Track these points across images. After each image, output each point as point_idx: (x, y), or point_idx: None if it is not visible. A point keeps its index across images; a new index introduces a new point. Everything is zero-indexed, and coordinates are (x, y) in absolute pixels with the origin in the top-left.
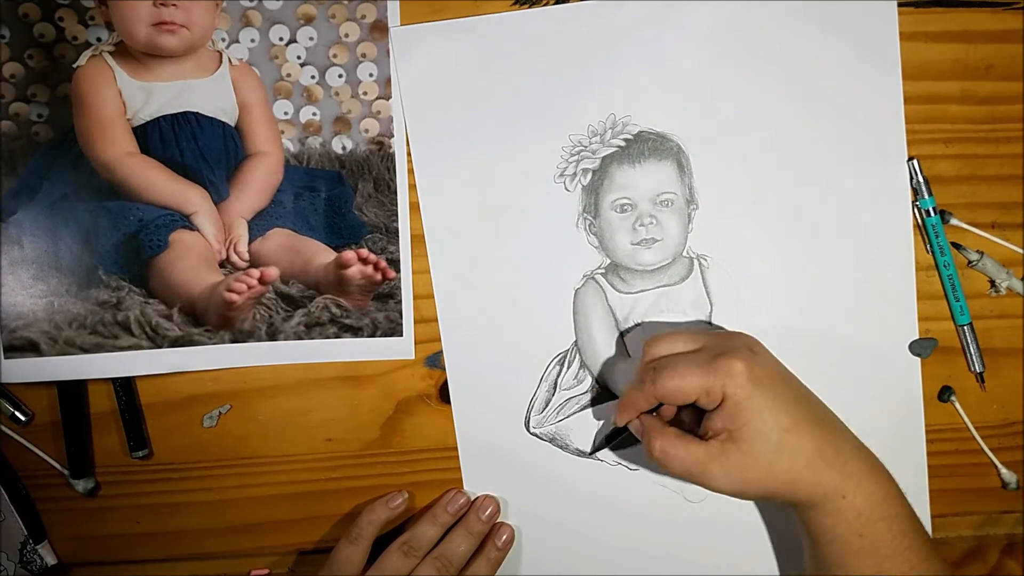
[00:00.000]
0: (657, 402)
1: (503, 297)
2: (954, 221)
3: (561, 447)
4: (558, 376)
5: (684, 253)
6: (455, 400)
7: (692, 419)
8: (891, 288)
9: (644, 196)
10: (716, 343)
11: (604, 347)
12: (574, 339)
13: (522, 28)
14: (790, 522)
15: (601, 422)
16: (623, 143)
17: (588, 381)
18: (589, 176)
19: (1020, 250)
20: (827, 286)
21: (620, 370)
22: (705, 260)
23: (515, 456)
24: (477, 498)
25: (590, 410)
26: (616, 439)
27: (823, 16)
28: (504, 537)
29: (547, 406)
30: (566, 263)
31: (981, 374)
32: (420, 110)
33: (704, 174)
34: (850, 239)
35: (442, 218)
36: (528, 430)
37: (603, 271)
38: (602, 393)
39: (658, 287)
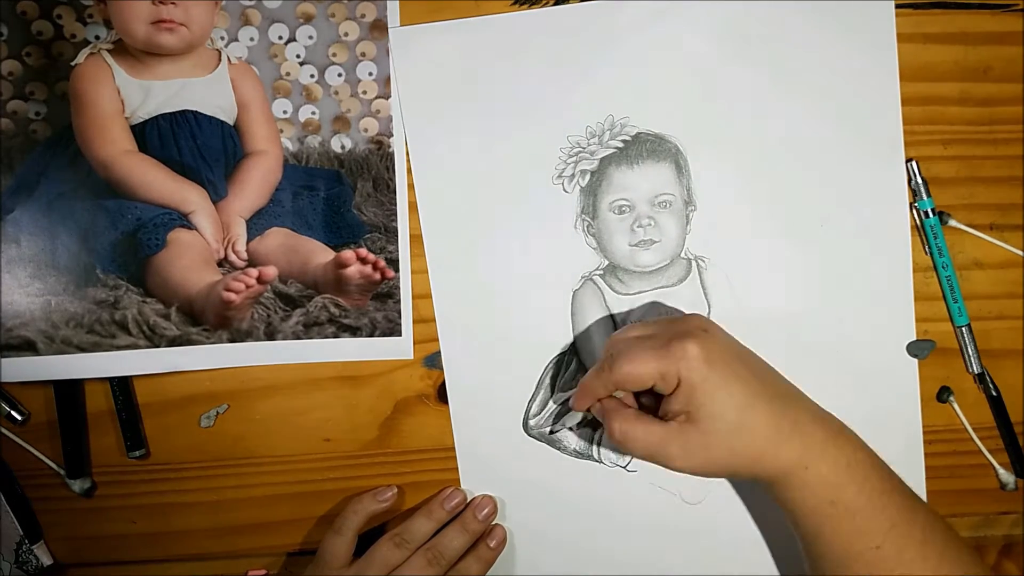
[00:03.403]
0: (615, 388)
1: (501, 298)
2: (952, 222)
3: (559, 448)
4: (556, 377)
5: (682, 254)
6: (453, 401)
7: (652, 404)
8: (889, 289)
9: (642, 197)
10: (669, 328)
11: (602, 348)
12: (572, 340)
13: (519, 29)
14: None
15: (558, 405)
16: (621, 144)
17: None
18: (587, 177)
19: (1019, 251)
20: (825, 288)
21: None
22: (703, 261)
23: (513, 457)
24: (475, 497)
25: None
26: (578, 421)
27: (821, 17)
28: (497, 538)
29: (545, 407)
30: (564, 264)
31: (979, 375)
32: (418, 110)
33: (702, 175)
34: (848, 241)
35: (440, 219)
36: (526, 431)
37: (601, 272)
38: None
39: (656, 288)
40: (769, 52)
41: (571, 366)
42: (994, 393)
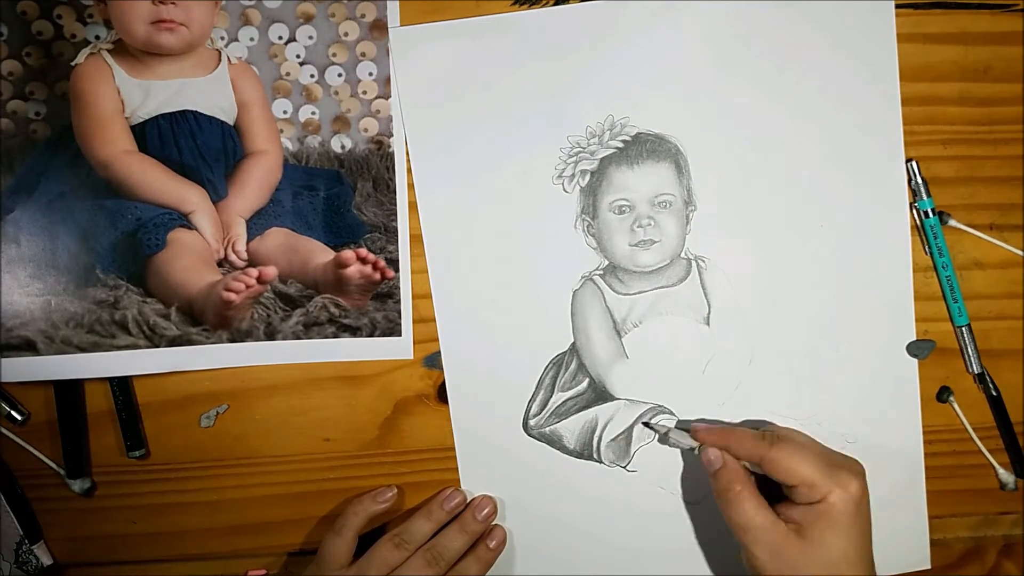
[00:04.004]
0: (756, 460)
1: (501, 298)
2: (952, 222)
3: (559, 448)
4: (556, 377)
5: (682, 254)
6: (453, 401)
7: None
8: (888, 289)
9: (642, 197)
10: (838, 455)
11: (602, 348)
12: (572, 340)
13: (520, 29)
14: None
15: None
16: (621, 144)
17: (586, 382)
18: (587, 177)
19: (1019, 251)
20: (824, 288)
21: (618, 371)
22: (703, 261)
23: (513, 457)
24: (475, 498)
25: (588, 411)
26: (688, 446)
27: (821, 17)
28: (496, 539)
29: (545, 407)
30: (564, 264)
31: (979, 375)
32: (419, 111)
33: (702, 175)
34: (847, 241)
35: (440, 219)
36: (526, 431)
37: (601, 272)
38: (600, 394)
39: (656, 288)
40: (769, 52)
41: (571, 366)
42: (994, 393)
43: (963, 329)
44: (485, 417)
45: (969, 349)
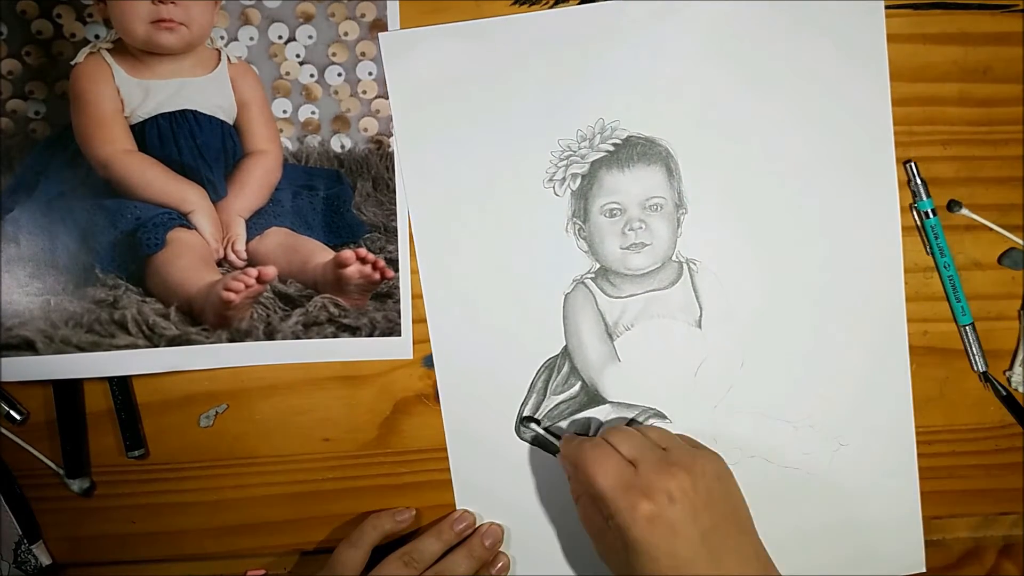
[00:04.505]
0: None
1: (493, 301)
2: (964, 211)
3: (551, 452)
4: (548, 380)
5: (673, 257)
6: (445, 403)
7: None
8: (880, 290)
9: (633, 200)
10: (648, 470)
11: (594, 351)
12: (564, 344)
13: (510, 33)
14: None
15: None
16: (612, 148)
17: (578, 385)
18: (578, 181)
19: (1019, 241)
20: (816, 290)
21: (610, 374)
22: (694, 264)
23: (505, 459)
24: (483, 524)
25: (580, 414)
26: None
27: (811, 20)
28: (501, 564)
29: (537, 410)
30: (556, 268)
31: (984, 373)
32: (409, 113)
33: (693, 178)
34: (838, 242)
35: (431, 222)
36: (519, 435)
37: (593, 275)
38: (593, 398)
39: (648, 291)
40: (761, 56)
41: (563, 369)
42: (1003, 392)
43: (967, 328)
44: (477, 420)
45: (973, 348)
